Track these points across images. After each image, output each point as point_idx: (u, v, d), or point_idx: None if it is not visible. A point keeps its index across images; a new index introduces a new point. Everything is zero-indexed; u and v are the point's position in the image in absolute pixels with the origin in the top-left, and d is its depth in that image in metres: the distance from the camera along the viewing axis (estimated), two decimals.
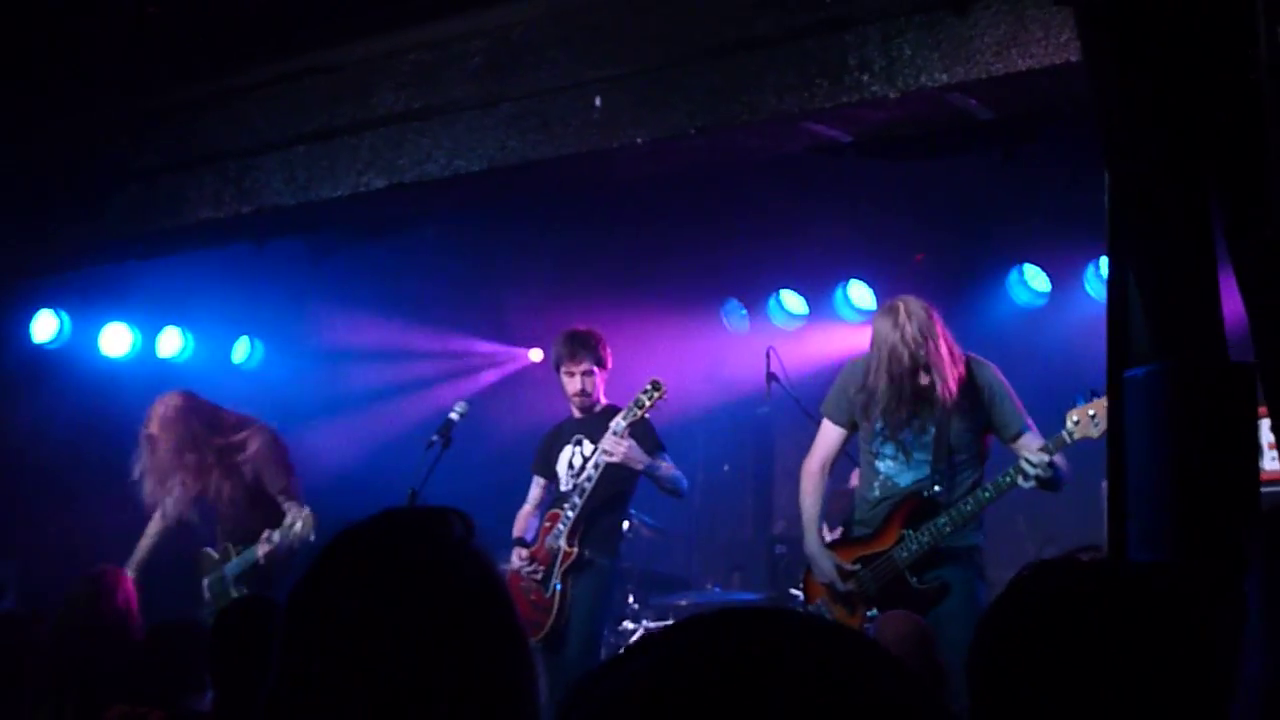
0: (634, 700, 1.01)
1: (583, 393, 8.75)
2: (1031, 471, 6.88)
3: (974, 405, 7.27)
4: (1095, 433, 6.69)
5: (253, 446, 8.99)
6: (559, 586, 8.38)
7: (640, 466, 8.43)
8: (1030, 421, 7.30)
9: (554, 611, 8.36)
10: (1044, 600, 2.28)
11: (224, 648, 4.77)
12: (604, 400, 8.84)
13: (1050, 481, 6.97)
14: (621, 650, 1.11)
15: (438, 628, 2.16)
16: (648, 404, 8.39)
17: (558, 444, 8.89)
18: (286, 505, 8.90)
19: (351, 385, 12.25)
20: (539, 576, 8.40)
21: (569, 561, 8.40)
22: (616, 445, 8.35)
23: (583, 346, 8.78)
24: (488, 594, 2.26)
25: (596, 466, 8.38)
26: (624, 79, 7.25)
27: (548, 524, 8.56)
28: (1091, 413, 6.73)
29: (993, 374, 7.38)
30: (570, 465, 8.69)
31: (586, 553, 8.46)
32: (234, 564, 8.94)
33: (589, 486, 8.40)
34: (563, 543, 8.42)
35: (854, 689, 1.01)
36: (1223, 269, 4.37)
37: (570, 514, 8.43)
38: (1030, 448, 7.01)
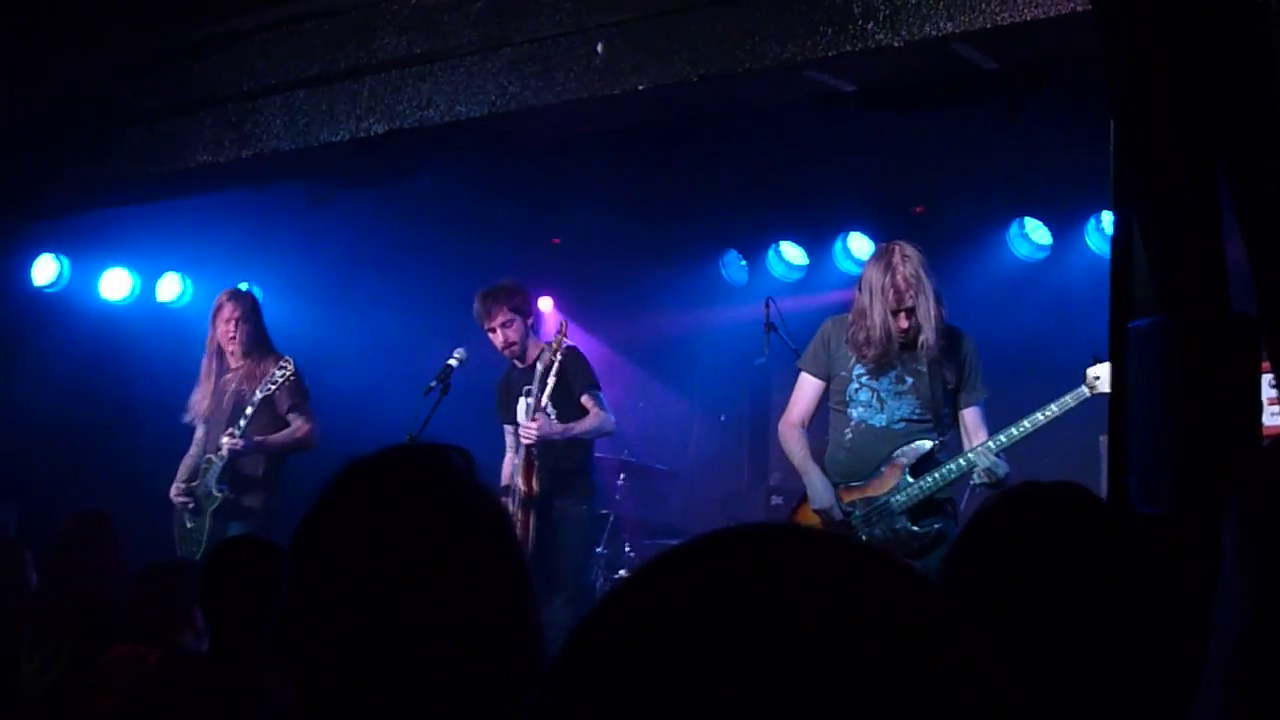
0: (653, 627, 0.99)
1: (508, 344, 8.88)
2: (979, 478, 7.17)
3: (951, 370, 7.39)
4: None
5: (287, 370, 9.09)
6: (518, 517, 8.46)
7: (559, 437, 8.56)
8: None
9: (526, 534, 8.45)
10: (1015, 519, 2.26)
11: (217, 587, 4.77)
12: (538, 346, 8.93)
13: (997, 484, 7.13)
14: (629, 575, 1.08)
15: (446, 557, 2.18)
16: (556, 347, 8.49)
17: (511, 394, 9.01)
18: (292, 418, 9.03)
19: (350, 331, 12.25)
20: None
21: (524, 497, 8.47)
22: (527, 431, 8.46)
23: (495, 301, 8.88)
24: (493, 525, 2.28)
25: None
26: (626, 25, 7.21)
27: (507, 469, 8.79)
28: None
29: (972, 345, 7.52)
30: (528, 416, 8.79)
31: (556, 502, 8.56)
32: (214, 467, 9.03)
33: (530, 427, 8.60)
34: (520, 482, 8.55)
35: (885, 604, 1.00)
36: (1228, 222, 4.36)
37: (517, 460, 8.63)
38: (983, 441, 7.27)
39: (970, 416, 7.43)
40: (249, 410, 8.96)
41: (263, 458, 9.13)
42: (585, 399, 8.79)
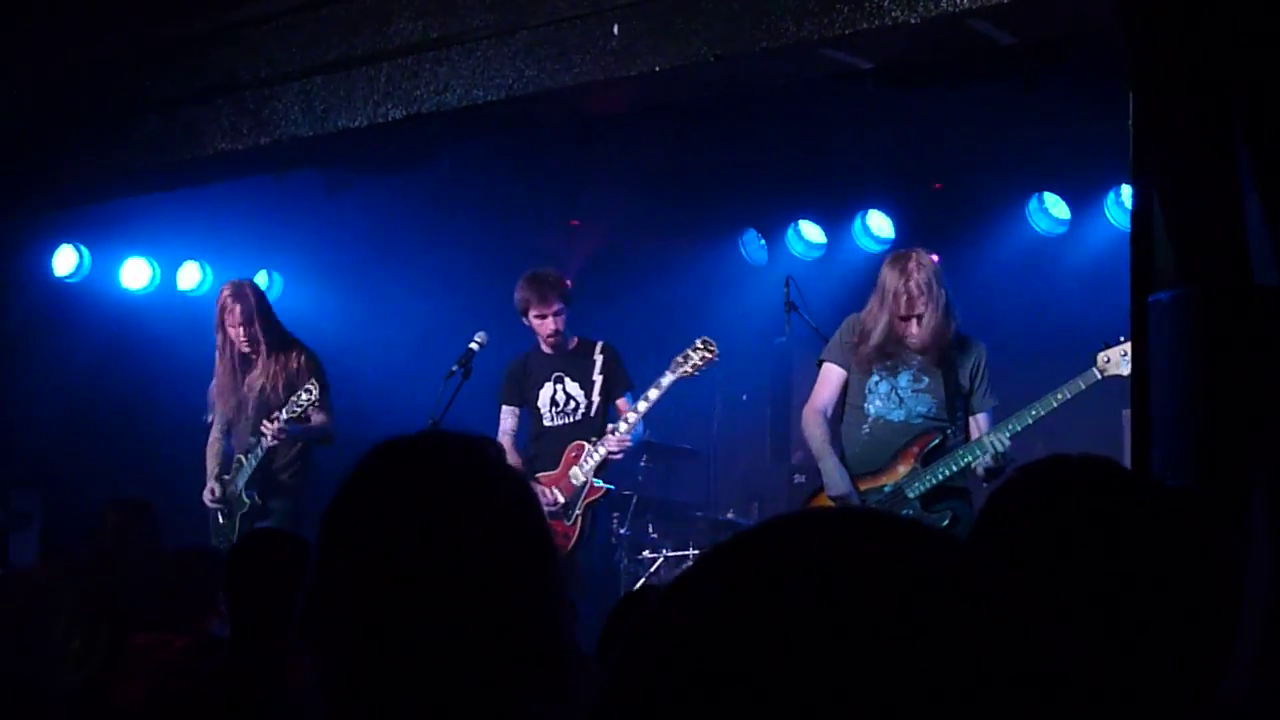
0: (719, 619, 0.98)
1: (556, 332, 8.87)
2: (988, 461, 7.21)
3: (964, 376, 7.48)
4: (1125, 371, 6.73)
5: (302, 359, 9.11)
6: (579, 515, 8.49)
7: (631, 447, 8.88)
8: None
9: (574, 539, 8.46)
10: (1038, 491, 2.23)
11: (239, 579, 4.78)
12: (575, 338, 9.01)
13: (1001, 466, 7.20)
14: (686, 567, 1.07)
15: (476, 539, 2.18)
16: (698, 363, 8.51)
17: (533, 378, 9.04)
18: (313, 413, 9.00)
19: (369, 317, 12.26)
20: (559, 504, 8.49)
21: (595, 496, 8.54)
22: (622, 443, 8.67)
23: (552, 289, 8.89)
24: (524, 510, 2.28)
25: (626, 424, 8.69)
26: (642, 6, 7.20)
27: (572, 453, 8.67)
28: (1124, 352, 6.75)
29: (983, 352, 7.59)
30: (554, 402, 8.85)
31: (607, 491, 8.69)
32: (244, 470, 9.03)
33: (625, 439, 8.71)
34: (591, 477, 8.61)
35: (954, 588, 0.98)
36: (1247, 193, 4.34)
37: (595, 454, 8.64)
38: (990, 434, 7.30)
39: (982, 421, 7.51)
40: (284, 416, 8.85)
41: (290, 459, 9.11)
42: (621, 401, 8.90)
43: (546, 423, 8.89)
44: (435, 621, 2.12)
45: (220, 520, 9.20)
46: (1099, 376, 6.98)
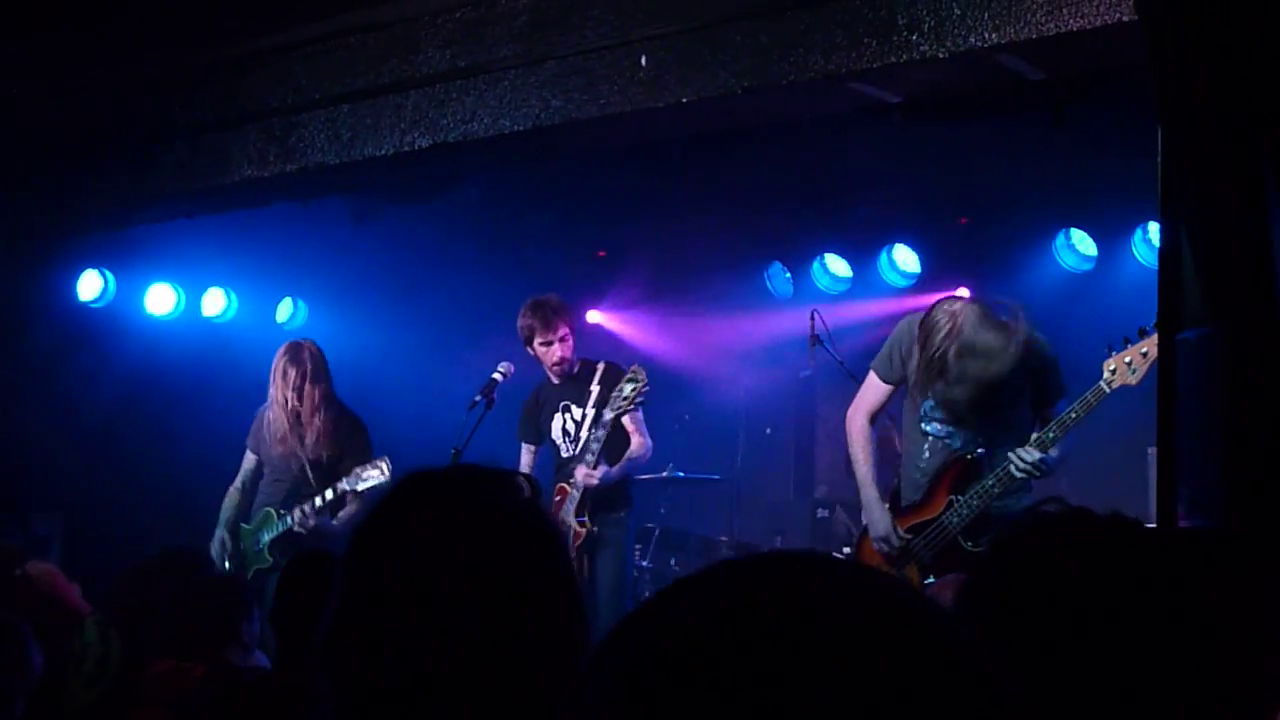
0: (670, 643, 1.00)
1: (564, 360, 8.76)
2: (1018, 473, 6.91)
3: (1026, 378, 7.16)
4: (1134, 379, 6.65)
5: (346, 425, 8.99)
6: (579, 561, 8.35)
7: (617, 479, 8.58)
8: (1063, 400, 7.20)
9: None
10: (1024, 552, 2.17)
11: (288, 601, 4.78)
12: (578, 361, 8.90)
13: (1042, 473, 6.95)
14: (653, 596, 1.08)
15: (501, 575, 2.17)
16: (632, 397, 8.36)
17: (544, 412, 8.92)
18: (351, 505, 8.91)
19: (394, 346, 12.28)
20: None
21: (580, 540, 8.38)
22: (589, 479, 8.38)
23: (556, 314, 8.77)
24: (549, 548, 2.27)
25: (591, 456, 8.44)
26: (670, 37, 7.19)
27: (557, 498, 8.55)
28: (1128, 359, 6.68)
29: (1048, 351, 7.24)
30: (565, 433, 8.76)
31: (596, 528, 8.46)
32: (273, 526, 8.92)
33: (593, 475, 8.47)
34: (572, 521, 8.43)
35: (897, 629, 0.99)
36: (1277, 229, 4.31)
37: (575, 493, 8.45)
38: (1030, 440, 6.96)
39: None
40: (329, 495, 8.75)
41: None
42: (627, 420, 8.68)
43: (564, 454, 8.78)
44: (456, 656, 2.10)
45: (228, 567, 9.04)
46: (1108, 390, 6.81)
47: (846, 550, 8.25)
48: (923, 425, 7.31)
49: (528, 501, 2.31)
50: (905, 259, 11.61)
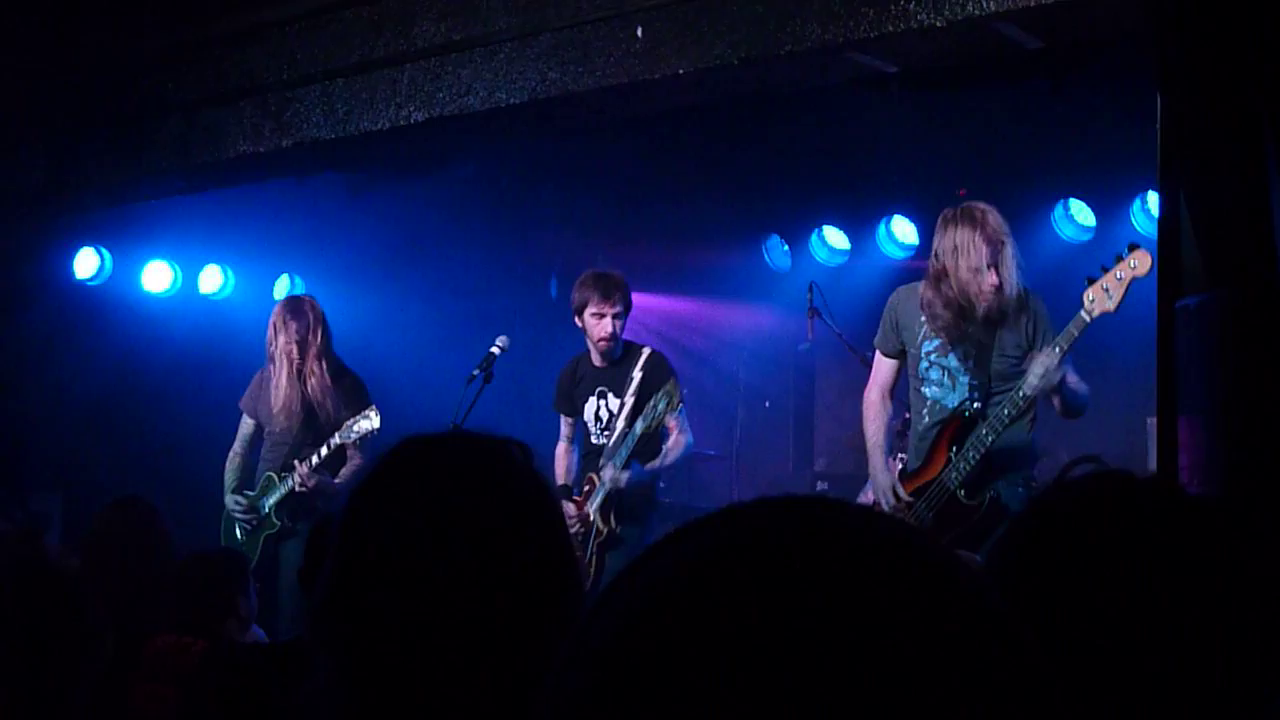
0: (679, 583, 0.97)
1: (612, 336, 8.52)
2: (1035, 380, 6.76)
3: (1021, 332, 7.15)
4: (1111, 305, 6.62)
5: (346, 381, 8.95)
6: (592, 555, 8.32)
7: (649, 481, 8.48)
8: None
9: (589, 577, 8.20)
10: (1055, 513, 2.16)
11: (314, 563, 4.77)
12: (622, 345, 8.70)
13: (1059, 390, 6.83)
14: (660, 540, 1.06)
15: (495, 540, 2.16)
16: (662, 416, 8.24)
17: (581, 389, 8.75)
18: (351, 452, 8.89)
19: (391, 321, 12.27)
20: (580, 534, 8.29)
21: (601, 538, 8.33)
22: (617, 483, 8.30)
23: (616, 288, 8.53)
24: (544, 513, 2.26)
25: (622, 458, 8.34)
26: (666, 8, 7.17)
27: (586, 487, 8.48)
28: (1105, 286, 6.65)
29: (1041, 304, 7.23)
30: (597, 418, 8.62)
31: (619, 529, 8.38)
32: (276, 490, 8.92)
33: (620, 476, 8.35)
34: (597, 519, 8.35)
35: (905, 568, 0.97)
36: (1276, 195, 4.29)
37: (600, 492, 8.36)
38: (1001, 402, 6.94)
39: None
40: (323, 451, 8.75)
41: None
42: (670, 419, 8.45)
43: (593, 440, 8.66)
44: (450, 621, 2.10)
45: (240, 535, 9.06)
46: (1088, 319, 6.77)
47: None
48: (922, 389, 7.33)
49: (522, 467, 2.29)
50: (904, 231, 11.57)
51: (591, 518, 8.34)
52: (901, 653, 0.92)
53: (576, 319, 8.63)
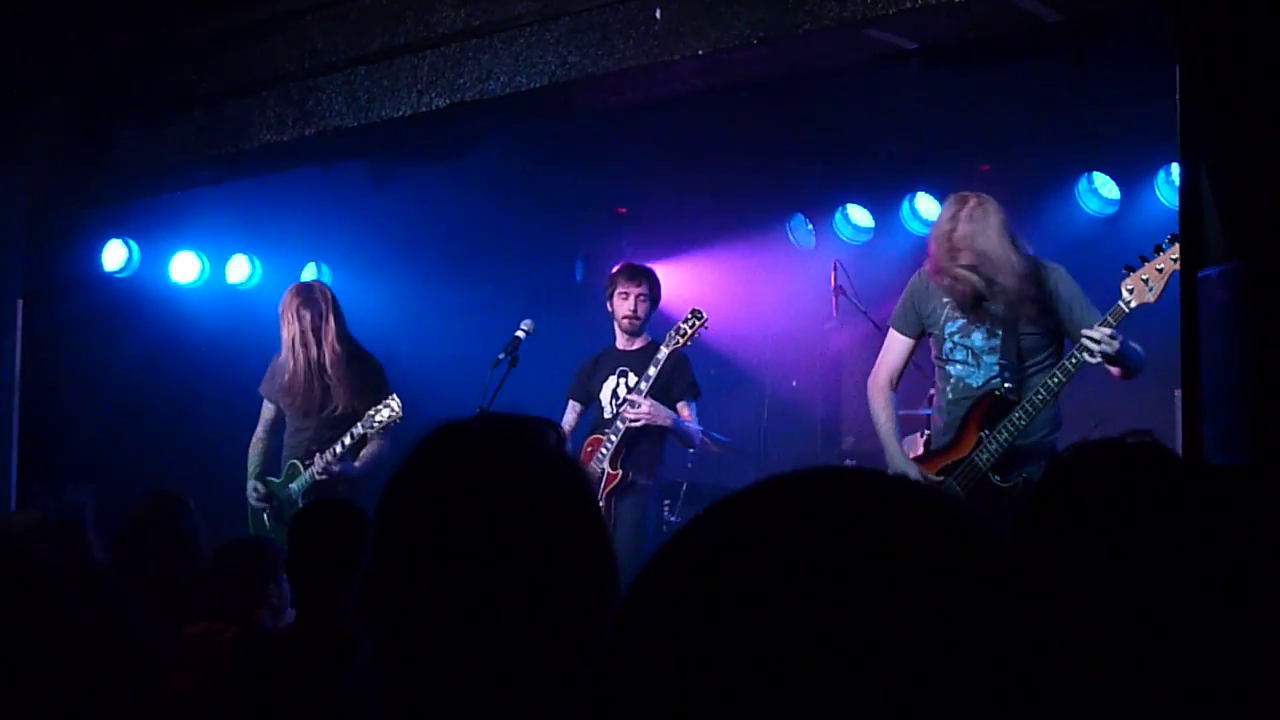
0: (748, 534, 1.02)
1: (634, 315, 8.95)
2: (1096, 347, 6.65)
3: (1043, 310, 7.12)
4: (1151, 297, 6.58)
5: (392, 412, 8.84)
6: (602, 504, 8.46)
7: (666, 423, 8.67)
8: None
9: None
10: (1087, 479, 2.18)
11: (301, 550, 4.81)
12: (647, 336, 9.03)
13: (1119, 357, 6.73)
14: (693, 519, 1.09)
15: (531, 524, 2.17)
16: (689, 332, 8.51)
17: (600, 372, 9.07)
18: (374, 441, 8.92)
19: (417, 306, 12.30)
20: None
21: (613, 484, 8.60)
22: (637, 407, 8.47)
23: (643, 273, 9.06)
24: (579, 497, 2.28)
25: (643, 389, 8.66)
26: None
27: (588, 448, 8.78)
28: (1145, 277, 6.62)
29: (1061, 277, 7.20)
30: (615, 395, 8.86)
31: (629, 474, 8.61)
32: (300, 477, 8.95)
33: (642, 404, 8.65)
34: (606, 465, 8.66)
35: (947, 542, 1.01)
36: None
37: (613, 438, 8.67)
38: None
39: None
40: (346, 441, 8.78)
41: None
42: (681, 405, 8.88)
43: (606, 414, 8.95)
44: (488, 603, 2.12)
45: (267, 522, 9.11)
46: (1127, 310, 6.74)
47: None
48: (947, 368, 7.33)
49: (554, 450, 2.31)
50: (927, 208, 11.55)
51: (601, 468, 8.66)
52: (938, 600, 0.96)
53: (608, 305, 9.11)
